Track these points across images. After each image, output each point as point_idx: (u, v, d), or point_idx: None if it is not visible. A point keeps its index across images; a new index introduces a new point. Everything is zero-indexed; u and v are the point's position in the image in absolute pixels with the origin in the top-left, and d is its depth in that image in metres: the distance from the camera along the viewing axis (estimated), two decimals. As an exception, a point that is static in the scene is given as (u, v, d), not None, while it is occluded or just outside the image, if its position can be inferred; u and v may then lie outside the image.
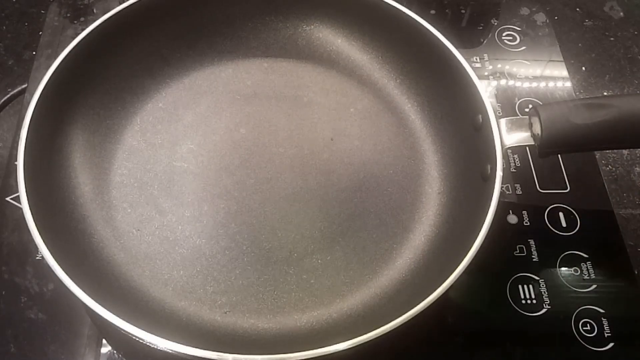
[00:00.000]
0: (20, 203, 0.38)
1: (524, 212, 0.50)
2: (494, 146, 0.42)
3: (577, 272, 0.47)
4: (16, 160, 0.40)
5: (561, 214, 0.50)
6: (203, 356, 0.34)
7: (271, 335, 0.41)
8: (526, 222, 0.49)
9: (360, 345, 0.34)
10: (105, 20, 0.47)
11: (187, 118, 0.51)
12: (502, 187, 0.40)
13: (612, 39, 0.70)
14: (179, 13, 0.51)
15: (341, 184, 0.48)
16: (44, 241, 0.37)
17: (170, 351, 0.34)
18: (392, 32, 0.51)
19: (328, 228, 0.46)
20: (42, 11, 0.69)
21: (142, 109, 0.51)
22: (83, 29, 0.46)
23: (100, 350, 0.42)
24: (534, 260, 0.47)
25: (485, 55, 0.61)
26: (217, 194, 0.47)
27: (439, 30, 0.48)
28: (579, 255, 0.48)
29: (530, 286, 0.46)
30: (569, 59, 0.64)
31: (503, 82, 0.59)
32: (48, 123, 0.44)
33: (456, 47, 0.47)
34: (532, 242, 0.48)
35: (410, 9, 0.49)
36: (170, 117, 0.51)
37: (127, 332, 0.34)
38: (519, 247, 0.48)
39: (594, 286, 0.46)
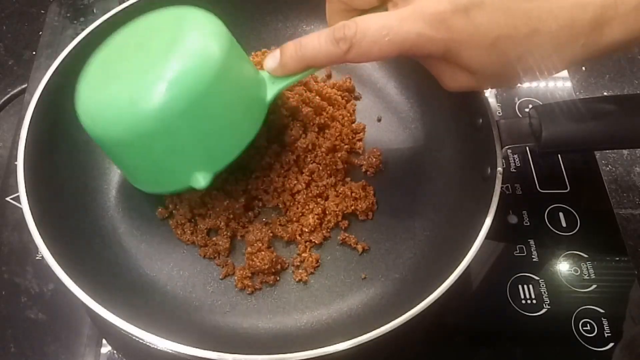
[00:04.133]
0: (20, 203, 0.39)
1: (524, 212, 0.50)
2: (494, 146, 0.42)
3: (577, 272, 0.47)
4: (16, 160, 0.40)
5: (561, 214, 0.50)
6: (203, 356, 0.34)
7: (271, 335, 0.41)
8: (526, 222, 0.49)
9: (360, 345, 0.34)
10: (105, 20, 0.47)
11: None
12: (502, 187, 0.40)
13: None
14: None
15: (341, 184, 0.48)
16: (44, 241, 0.37)
17: (170, 351, 0.34)
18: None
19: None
20: (42, 11, 0.69)
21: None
22: (83, 29, 0.46)
23: (100, 350, 0.42)
24: (534, 260, 0.47)
25: (485, 55, 0.61)
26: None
27: (439, 30, 0.48)
28: (579, 255, 0.48)
29: (530, 286, 0.46)
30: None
31: (503, 82, 0.59)
32: (48, 123, 0.44)
33: (456, 47, 0.47)
34: (532, 242, 0.48)
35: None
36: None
37: (127, 332, 0.34)
38: (519, 247, 0.48)
39: (594, 286, 0.46)
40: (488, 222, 0.39)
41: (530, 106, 0.49)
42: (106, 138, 0.37)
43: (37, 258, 0.46)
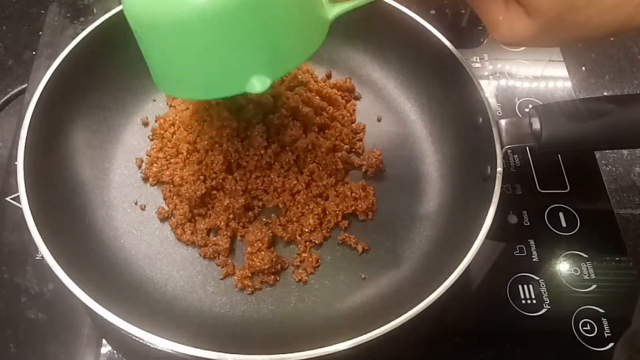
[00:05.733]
0: (20, 203, 0.39)
1: (524, 212, 0.50)
2: (494, 146, 0.42)
3: (577, 272, 0.47)
4: (16, 160, 0.40)
5: (561, 214, 0.50)
6: (203, 356, 0.34)
7: (271, 335, 0.41)
8: (526, 222, 0.49)
9: (360, 345, 0.34)
10: (105, 20, 0.47)
11: (187, 118, 0.51)
12: (502, 187, 0.40)
13: (612, 39, 0.70)
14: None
15: (341, 184, 0.48)
16: (44, 241, 0.37)
17: (170, 351, 0.34)
18: (392, 32, 0.51)
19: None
20: (42, 11, 0.69)
21: (142, 109, 0.51)
22: (83, 29, 0.47)
23: (100, 350, 0.42)
24: (534, 260, 0.47)
25: (485, 55, 0.61)
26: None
27: (439, 30, 0.48)
28: (579, 255, 0.48)
29: (530, 286, 0.46)
30: (569, 59, 0.64)
31: (503, 82, 0.59)
32: (48, 123, 0.44)
33: (456, 47, 0.47)
34: (532, 242, 0.48)
35: (410, 9, 0.49)
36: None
37: (127, 332, 0.34)
38: (519, 247, 0.48)
39: (594, 286, 0.46)
40: (488, 222, 0.39)
41: (530, 106, 0.49)
42: (158, 22, 0.33)
43: (37, 258, 0.46)
